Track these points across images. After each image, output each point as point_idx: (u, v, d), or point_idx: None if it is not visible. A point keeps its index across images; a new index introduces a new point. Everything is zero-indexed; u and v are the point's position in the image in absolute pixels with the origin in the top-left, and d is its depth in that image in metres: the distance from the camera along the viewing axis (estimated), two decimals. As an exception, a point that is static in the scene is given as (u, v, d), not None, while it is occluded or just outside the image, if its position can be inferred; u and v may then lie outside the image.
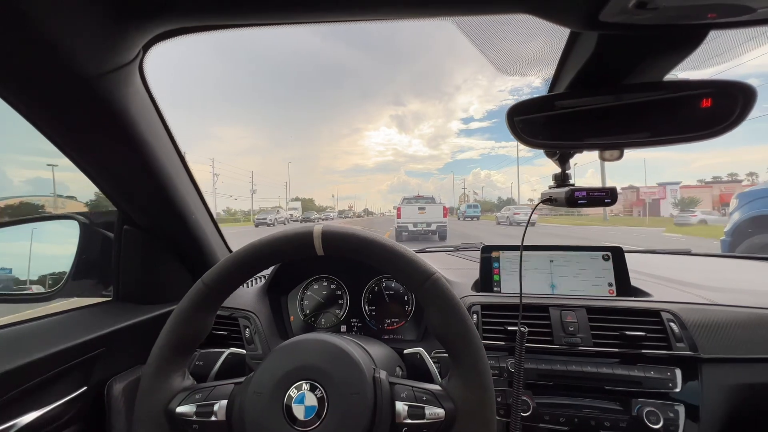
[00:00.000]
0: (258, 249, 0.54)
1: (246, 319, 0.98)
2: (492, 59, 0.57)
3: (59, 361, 0.67)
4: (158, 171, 0.76)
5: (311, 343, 0.53)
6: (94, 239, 0.94)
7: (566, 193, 0.64)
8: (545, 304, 0.86)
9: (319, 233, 0.53)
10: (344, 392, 0.48)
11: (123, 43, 0.51)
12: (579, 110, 0.54)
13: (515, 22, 0.48)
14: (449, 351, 0.51)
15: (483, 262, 1.02)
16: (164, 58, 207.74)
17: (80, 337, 0.71)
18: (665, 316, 0.80)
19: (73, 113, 0.60)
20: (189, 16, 0.49)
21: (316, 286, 1.12)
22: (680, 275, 1.06)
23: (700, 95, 0.50)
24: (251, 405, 0.48)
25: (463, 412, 0.48)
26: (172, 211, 0.86)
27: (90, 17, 0.46)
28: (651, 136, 0.53)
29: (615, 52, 0.47)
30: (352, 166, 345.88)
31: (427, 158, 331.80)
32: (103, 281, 0.95)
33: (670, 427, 0.71)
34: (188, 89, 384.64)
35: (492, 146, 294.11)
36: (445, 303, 0.50)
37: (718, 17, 0.38)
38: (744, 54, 0.49)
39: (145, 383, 0.51)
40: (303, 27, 0.55)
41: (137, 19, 0.48)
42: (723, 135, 0.50)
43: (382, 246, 0.53)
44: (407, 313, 1.05)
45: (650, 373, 0.75)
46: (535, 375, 0.79)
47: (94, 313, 0.85)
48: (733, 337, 0.76)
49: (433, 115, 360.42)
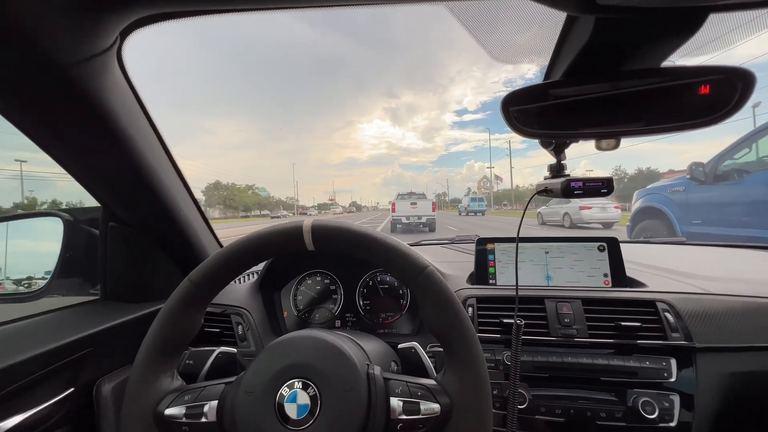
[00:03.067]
0: (246, 245, 0.52)
1: (239, 316, 0.96)
2: (486, 47, 0.56)
3: (46, 362, 0.65)
4: (141, 164, 0.74)
5: (303, 340, 0.52)
6: (79, 237, 0.92)
7: (562, 183, 0.63)
8: (541, 296, 0.86)
9: (308, 227, 0.51)
10: (337, 389, 0.47)
11: (98, 29, 0.49)
12: (575, 99, 0.53)
13: (510, 6, 0.47)
14: (444, 345, 0.50)
15: (478, 254, 1.01)
16: (153, 49, 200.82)
17: (67, 337, 0.69)
18: (660, 306, 0.80)
19: (46, 103, 0.57)
20: (168, 2, 0.46)
21: (309, 281, 1.11)
22: (675, 265, 1.06)
23: (698, 82, 0.49)
24: (242, 405, 0.47)
25: (459, 406, 0.47)
26: (158, 207, 0.83)
27: (61, 1, 0.44)
28: (648, 125, 0.52)
29: (612, 37, 0.46)
30: (346, 160, 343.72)
31: (421, 151, 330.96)
32: (90, 279, 0.93)
33: (666, 416, 0.71)
34: (181, 82, 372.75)
35: (486, 138, 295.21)
36: (439, 296, 0.49)
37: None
38: (743, 39, 0.48)
39: (131, 386, 0.50)
40: (293, 16, 0.53)
41: (112, 3, 0.45)
42: (722, 121, 0.49)
43: (374, 240, 0.51)
44: (402, 307, 1.04)
45: (645, 363, 0.75)
46: (531, 367, 0.79)
47: (81, 312, 0.83)
48: (728, 326, 0.77)
49: (427, 108, 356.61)
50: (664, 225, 4.61)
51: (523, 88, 0.55)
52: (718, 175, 4.03)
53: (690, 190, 4.34)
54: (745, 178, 3.78)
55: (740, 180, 3.83)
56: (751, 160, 3.83)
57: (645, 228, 4.90)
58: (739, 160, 3.92)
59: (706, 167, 4.13)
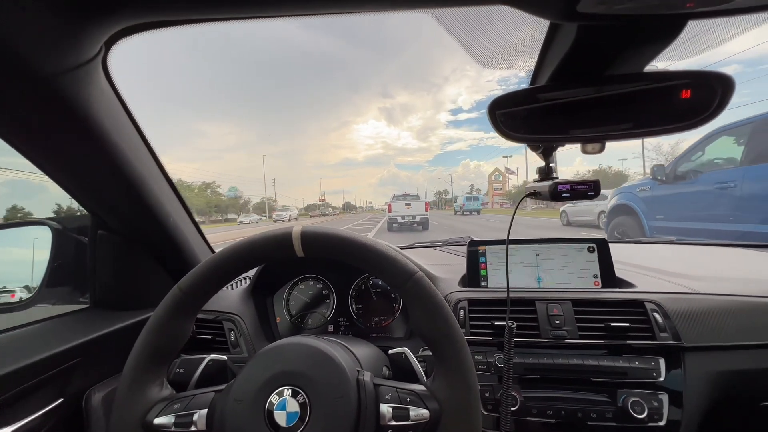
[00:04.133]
0: (235, 252, 0.52)
1: (231, 322, 0.96)
2: (473, 53, 0.56)
3: (34, 373, 0.64)
4: (129, 172, 0.73)
5: (292, 347, 0.52)
6: (67, 245, 0.91)
7: (550, 186, 0.64)
8: (531, 297, 0.86)
9: (298, 234, 0.51)
10: (327, 396, 0.47)
11: (82, 39, 0.48)
12: (561, 102, 0.54)
13: (495, 14, 0.47)
14: (433, 350, 0.50)
15: (469, 256, 1.02)
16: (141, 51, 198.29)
17: (56, 347, 0.69)
18: (649, 306, 0.81)
19: (30, 113, 0.57)
20: (154, 11, 0.46)
21: (302, 286, 1.10)
22: (664, 264, 1.08)
23: (679, 86, 0.50)
24: (232, 413, 0.47)
25: (448, 411, 0.48)
26: (147, 214, 0.83)
27: (44, 11, 0.43)
28: (632, 128, 0.53)
29: (595, 43, 0.46)
30: (341, 160, 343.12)
31: (416, 151, 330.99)
32: (80, 288, 0.92)
33: (655, 416, 0.72)
34: (172, 85, 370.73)
35: (481, 137, 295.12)
36: (428, 302, 0.49)
37: (696, 6, 0.38)
38: (723, 43, 0.49)
39: (120, 396, 0.49)
40: (285, 19, 0.53)
41: (96, 13, 0.45)
42: (704, 125, 0.50)
43: (362, 245, 0.52)
44: (395, 311, 1.04)
45: (635, 363, 0.76)
46: (522, 369, 0.79)
47: (70, 321, 0.82)
48: (715, 325, 0.78)
49: (422, 107, 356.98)
50: (635, 221, 5.01)
51: (509, 93, 0.56)
52: (677, 176, 4.42)
53: (654, 189, 4.74)
54: (699, 177, 4.18)
55: (695, 179, 4.22)
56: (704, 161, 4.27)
57: (618, 224, 5.32)
58: (695, 162, 4.35)
59: (666, 168, 4.55)
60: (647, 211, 4.83)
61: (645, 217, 4.83)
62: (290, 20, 0.53)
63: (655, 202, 4.73)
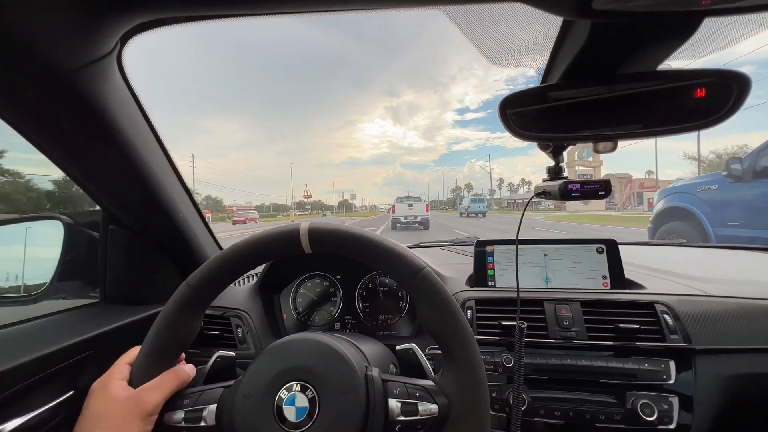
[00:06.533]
0: (243, 249, 0.53)
1: (238, 319, 0.96)
2: (484, 50, 0.56)
3: (45, 365, 0.65)
4: (141, 168, 0.74)
5: (301, 342, 0.52)
6: (79, 239, 0.92)
7: (560, 186, 0.63)
8: (540, 298, 0.86)
9: (305, 230, 0.52)
10: (336, 392, 0.47)
11: (98, 34, 0.49)
12: (572, 101, 0.53)
13: (507, 10, 0.47)
14: (441, 346, 0.50)
15: (477, 256, 1.01)
16: (151, 48, 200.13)
17: (67, 340, 0.69)
18: (659, 308, 0.80)
19: (47, 109, 0.57)
20: (169, 7, 0.47)
21: (309, 283, 1.11)
22: (674, 266, 1.06)
23: (693, 85, 0.49)
24: (241, 408, 0.47)
25: (457, 407, 0.47)
26: (158, 209, 0.84)
27: (62, 7, 0.44)
28: (645, 127, 0.53)
29: (608, 41, 0.46)
30: (347, 159, 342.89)
31: (422, 150, 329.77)
32: (90, 282, 0.93)
33: (665, 418, 0.71)
34: (181, 83, 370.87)
35: (487, 137, 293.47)
36: (436, 298, 0.49)
37: (711, 4, 0.38)
38: (736, 42, 0.48)
39: None
40: (294, 16, 0.53)
41: (113, 9, 0.46)
42: (718, 124, 0.49)
43: (370, 242, 0.52)
44: (401, 309, 1.04)
45: (644, 365, 0.75)
46: (530, 369, 0.79)
47: (80, 315, 0.83)
48: (726, 328, 0.77)
49: (428, 106, 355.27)
50: (693, 227, 4.19)
51: (520, 91, 0.55)
52: (758, 171, 3.55)
53: (724, 188, 3.91)
54: None
55: None
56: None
57: (670, 230, 4.44)
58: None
59: (744, 162, 3.67)
60: (713, 216, 3.98)
61: (710, 222, 3.98)
62: (299, 19, 0.54)
63: (726, 204, 3.87)
